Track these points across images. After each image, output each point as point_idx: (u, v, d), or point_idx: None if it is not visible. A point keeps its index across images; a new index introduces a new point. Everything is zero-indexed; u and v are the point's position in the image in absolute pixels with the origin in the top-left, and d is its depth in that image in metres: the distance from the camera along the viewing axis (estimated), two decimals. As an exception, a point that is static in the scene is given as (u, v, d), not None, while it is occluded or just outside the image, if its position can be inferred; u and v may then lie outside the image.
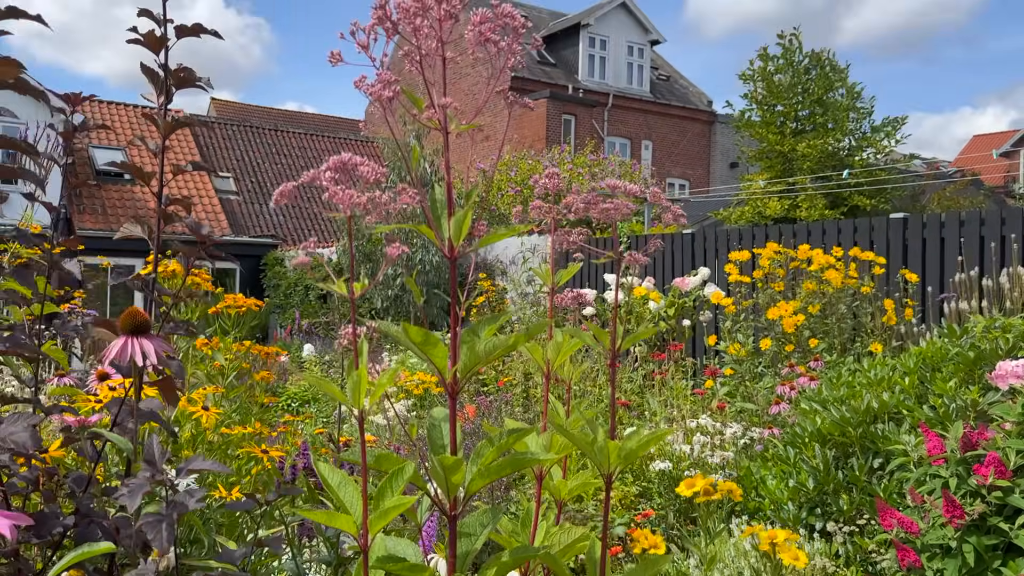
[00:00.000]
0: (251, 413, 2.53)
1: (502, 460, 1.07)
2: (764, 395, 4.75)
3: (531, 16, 28.07)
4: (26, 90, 1.38)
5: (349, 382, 1.02)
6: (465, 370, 1.09)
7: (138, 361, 1.17)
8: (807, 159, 13.40)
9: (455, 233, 1.09)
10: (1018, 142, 36.99)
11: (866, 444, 3.38)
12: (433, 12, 1.06)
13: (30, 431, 1.33)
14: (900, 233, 5.83)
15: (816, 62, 14.16)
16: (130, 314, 1.19)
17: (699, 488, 1.69)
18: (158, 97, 1.69)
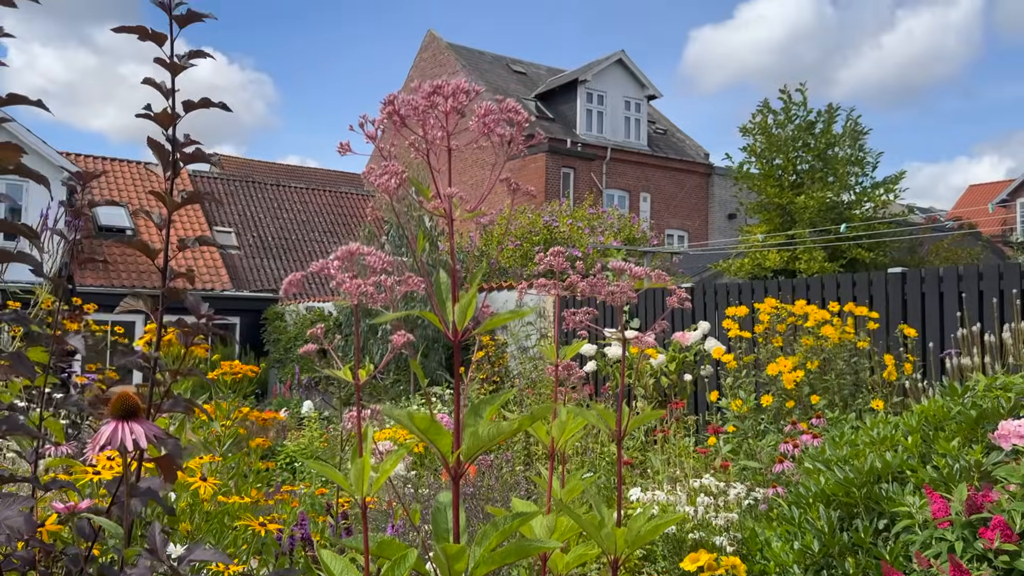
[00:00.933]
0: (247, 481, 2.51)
1: (507, 547, 1.07)
2: (767, 453, 4.72)
3: (530, 72, 28.59)
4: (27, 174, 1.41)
5: (352, 470, 1.02)
6: (468, 455, 1.10)
7: (128, 446, 1.17)
8: (806, 211, 13.52)
9: (459, 318, 1.11)
10: (1014, 191, 37.33)
11: (871, 505, 3.35)
12: (440, 108, 1.09)
13: (24, 516, 1.32)
14: (899, 288, 5.86)
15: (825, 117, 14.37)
16: (121, 398, 1.20)
17: (703, 563, 1.68)
18: (164, 171, 1.72)
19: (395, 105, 1.10)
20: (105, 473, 2.05)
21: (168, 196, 1.71)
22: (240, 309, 18.21)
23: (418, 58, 28.83)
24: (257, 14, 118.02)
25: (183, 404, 1.58)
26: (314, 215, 25.40)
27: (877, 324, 5.04)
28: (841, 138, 14.51)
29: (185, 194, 1.74)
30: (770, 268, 13.58)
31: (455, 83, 1.10)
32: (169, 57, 1.67)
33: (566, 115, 25.92)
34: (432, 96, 1.10)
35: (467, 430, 1.12)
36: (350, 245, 1.12)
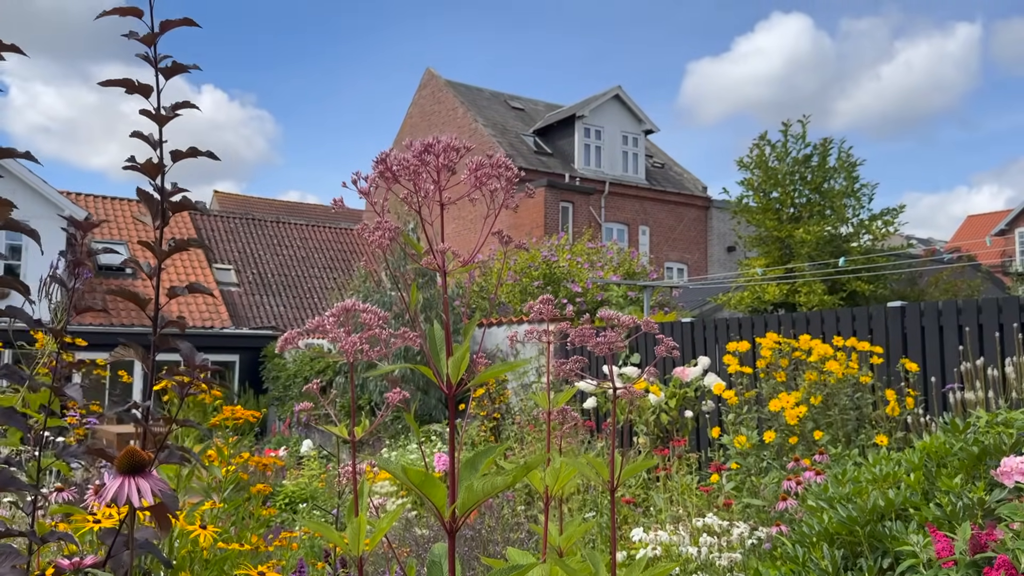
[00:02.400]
0: (247, 527, 2.48)
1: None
2: (771, 490, 4.68)
3: (528, 108, 28.86)
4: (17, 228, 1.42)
5: (349, 529, 1.01)
6: (464, 509, 1.09)
7: (135, 502, 1.16)
8: (805, 245, 13.57)
9: (453, 371, 1.11)
10: (1013, 221, 37.46)
11: (874, 543, 3.31)
12: (432, 165, 1.10)
13: (16, 572, 1.31)
14: (899, 322, 5.85)
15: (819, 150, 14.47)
16: (128, 454, 1.19)
17: None
18: (154, 220, 1.72)
19: (387, 163, 1.11)
20: (106, 522, 2.03)
21: (158, 246, 1.72)
22: (239, 347, 18.17)
23: (417, 95, 29.11)
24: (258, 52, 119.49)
25: (177, 455, 1.56)
26: (314, 251, 25.48)
27: (882, 359, 5.03)
28: (836, 171, 14.60)
29: (173, 242, 1.74)
30: (770, 301, 13.57)
31: (445, 141, 1.12)
32: (156, 108, 1.69)
33: (564, 150, 26.11)
34: (423, 155, 1.11)
35: (462, 484, 1.11)
36: (346, 301, 1.12)
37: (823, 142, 14.81)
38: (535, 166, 24.74)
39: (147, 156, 1.71)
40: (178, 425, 1.62)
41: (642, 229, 25.50)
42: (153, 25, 1.55)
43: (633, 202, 25.53)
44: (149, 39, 1.56)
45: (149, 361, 1.67)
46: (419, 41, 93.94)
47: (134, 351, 1.68)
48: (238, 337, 18.23)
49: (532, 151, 25.75)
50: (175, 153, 1.69)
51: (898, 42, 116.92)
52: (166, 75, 1.69)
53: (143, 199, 1.71)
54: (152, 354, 1.69)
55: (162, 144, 1.70)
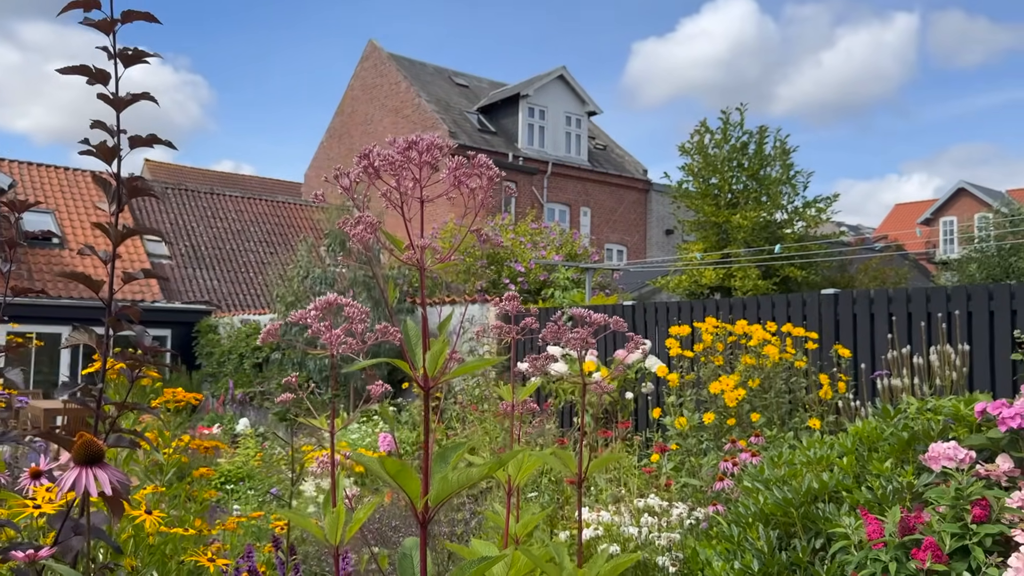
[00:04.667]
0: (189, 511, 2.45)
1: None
2: (708, 471, 4.80)
3: (472, 85, 28.68)
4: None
5: (328, 520, 1.01)
6: (437, 500, 1.09)
7: (92, 492, 1.14)
8: (741, 230, 13.87)
9: (431, 366, 1.11)
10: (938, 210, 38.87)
11: (808, 524, 3.43)
12: (415, 162, 1.10)
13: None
14: (832, 309, 6.04)
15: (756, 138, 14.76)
16: (85, 444, 1.17)
17: None
18: (110, 205, 1.68)
19: (371, 159, 1.11)
20: (46, 507, 1.98)
21: (114, 229, 1.68)
22: (171, 321, 17.74)
23: (359, 67, 28.65)
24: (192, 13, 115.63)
25: (127, 440, 1.54)
26: (249, 224, 24.94)
27: (816, 344, 5.19)
28: (772, 158, 14.94)
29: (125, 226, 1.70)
30: (706, 285, 13.86)
31: (429, 139, 1.12)
32: (114, 94, 1.65)
33: (508, 129, 26.06)
34: (407, 151, 1.11)
35: (436, 476, 1.12)
36: (329, 296, 1.12)
37: (760, 130, 15.13)
38: (479, 144, 24.65)
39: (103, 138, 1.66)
40: (130, 409, 1.59)
41: (583, 210, 25.69)
42: (112, 12, 1.50)
43: (575, 183, 25.68)
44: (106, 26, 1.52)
45: (105, 347, 1.63)
46: (362, 9, 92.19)
47: (88, 335, 1.64)
48: (170, 311, 17.80)
49: (476, 129, 25.63)
50: (133, 139, 1.66)
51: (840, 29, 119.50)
52: (125, 62, 1.65)
53: (99, 184, 1.67)
54: (107, 336, 1.65)
55: (120, 132, 1.67)
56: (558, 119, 26.29)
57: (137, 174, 1.70)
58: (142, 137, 1.68)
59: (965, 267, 19.10)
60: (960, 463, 2.90)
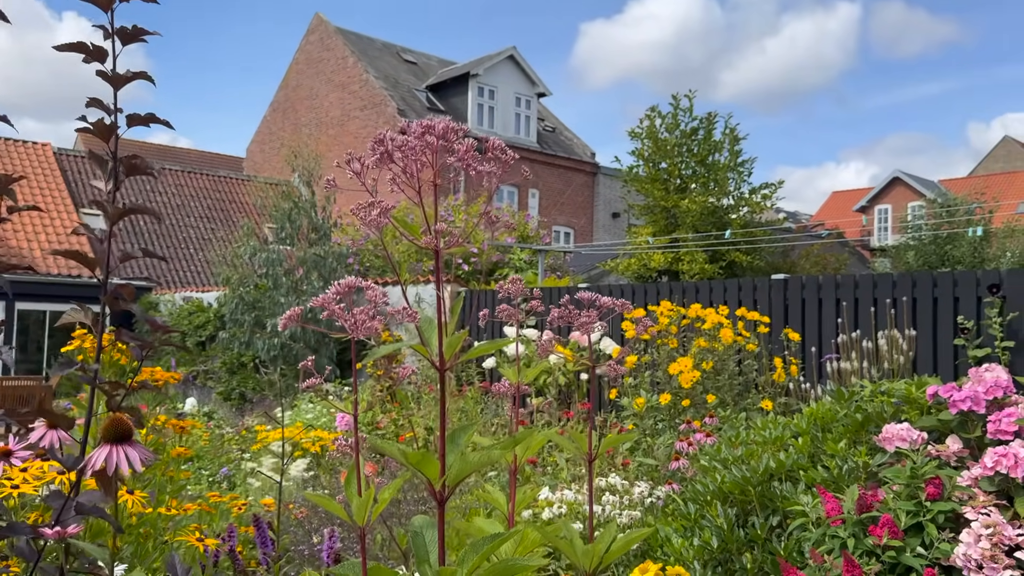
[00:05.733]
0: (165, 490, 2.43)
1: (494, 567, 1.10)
2: (663, 451, 4.92)
3: (420, 62, 28.39)
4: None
5: (356, 502, 1.03)
6: (456, 479, 1.12)
7: (124, 470, 1.14)
8: (689, 215, 14.12)
9: (447, 351, 1.13)
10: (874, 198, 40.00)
11: (765, 503, 3.55)
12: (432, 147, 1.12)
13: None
14: (781, 294, 6.22)
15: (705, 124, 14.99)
16: (114, 422, 1.16)
17: (652, 573, 1.77)
18: (106, 183, 1.67)
19: (386, 144, 1.12)
20: (24, 487, 1.95)
21: (112, 206, 1.66)
22: (109, 297, 17.24)
23: (305, 41, 28.10)
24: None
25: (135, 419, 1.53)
26: (190, 199, 24.35)
27: (768, 328, 5.34)
28: (720, 144, 15.20)
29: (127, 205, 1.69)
30: (655, 268, 14.09)
31: (444, 123, 1.14)
32: (112, 71, 1.64)
33: (457, 108, 25.91)
34: (424, 136, 1.12)
35: (452, 455, 1.14)
36: (348, 279, 1.13)
37: (708, 116, 15.37)
38: (427, 123, 24.42)
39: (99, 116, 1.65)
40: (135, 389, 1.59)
41: (532, 192, 25.75)
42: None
43: (524, 165, 25.65)
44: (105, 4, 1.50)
45: (100, 325, 1.62)
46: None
47: (84, 313, 1.63)
48: (108, 287, 17.32)
49: (425, 107, 25.41)
50: (131, 118, 1.64)
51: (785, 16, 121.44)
52: (124, 40, 1.63)
53: (95, 162, 1.65)
54: (102, 315, 1.64)
55: (117, 110, 1.65)
56: (508, 100, 26.24)
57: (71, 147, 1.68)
58: (140, 116, 1.67)
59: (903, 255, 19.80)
60: (913, 444, 3.04)
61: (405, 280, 9.00)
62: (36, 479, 2.03)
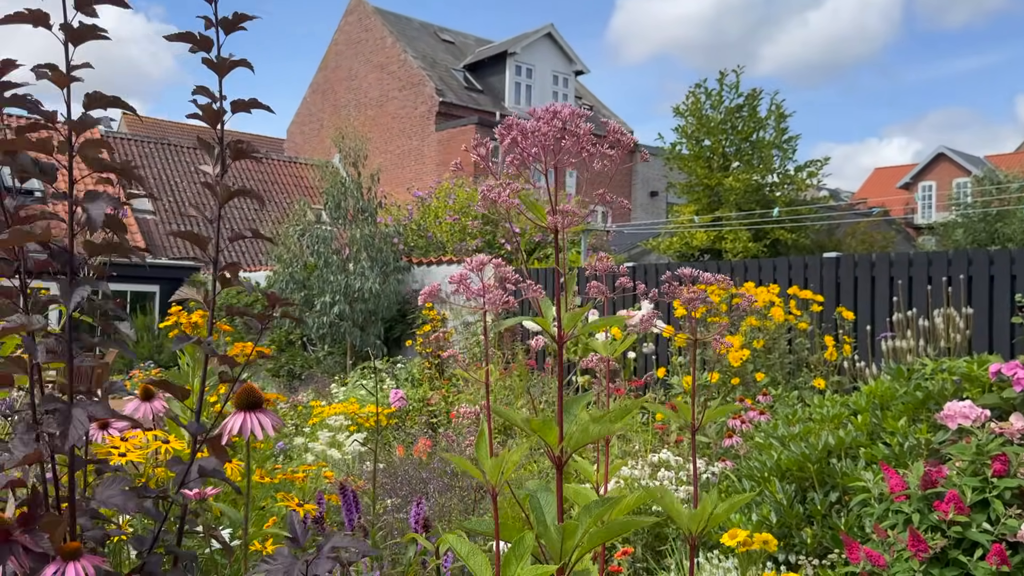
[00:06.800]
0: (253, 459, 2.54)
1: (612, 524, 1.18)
2: (715, 428, 4.96)
3: (458, 41, 28.36)
4: None
5: (491, 462, 1.10)
6: (576, 446, 1.19)
7: (258, 434, 1.23)
8: (733, 193, 14.00)
9: (567, 324, 1.20)
10: (918, 175, 39.21)
11: (824, 479, 3.59)
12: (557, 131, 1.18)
13: (124, 495, 1.36)
14: (833, 272, 6.19)
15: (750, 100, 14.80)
16: (247, 391, 1.25)
17: (740, 539, 1.84)
18: (214, 167, 1.75)
19: (515, 129, 1.18)
20: (131, 455, 2.06)
21: (221, 187, 1.74)
22: (158, 277, 17.68)
23: (344, 21, 28.21)
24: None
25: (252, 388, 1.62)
26: (234, 179, 24.66)
27: (821, 307, 5.33)
28: (765, 121, 15.02)
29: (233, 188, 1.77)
30: (697, 247, 14.03)
31: (570, 108, 1.19)
32: (217, 58, 1.71)
33: (495, 87, 25.88)
34: (552, 120, 1.18)
35: (573, 424, 1.21)
36: (480, 256, 1.20)
37: (753, 92, 15.18)
38: (465, 103, 24.48)
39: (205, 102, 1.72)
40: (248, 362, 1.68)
41: (569, 172, 25.67)
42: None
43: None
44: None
45: (211, 302, 1.71)
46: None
47: (197, 290, 1.72)
48: (157, 267, 17.72)
49: (463, 87, 25.42)
50: (235, 103, 1.72)
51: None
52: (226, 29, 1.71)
53: (203, 147, 1.73)
54: (214, 291, 1.73)
55: (223, 99, 1.72)
56: (545, 78, 26.14)
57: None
58: (244, 101, 1.74)
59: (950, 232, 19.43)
60: (976, 421, 3.05)
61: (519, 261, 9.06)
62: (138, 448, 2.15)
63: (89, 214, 1.28)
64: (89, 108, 1.37)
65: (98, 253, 1.40)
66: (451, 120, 23.89)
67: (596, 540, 1.19)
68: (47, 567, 1.18)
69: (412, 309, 10.47)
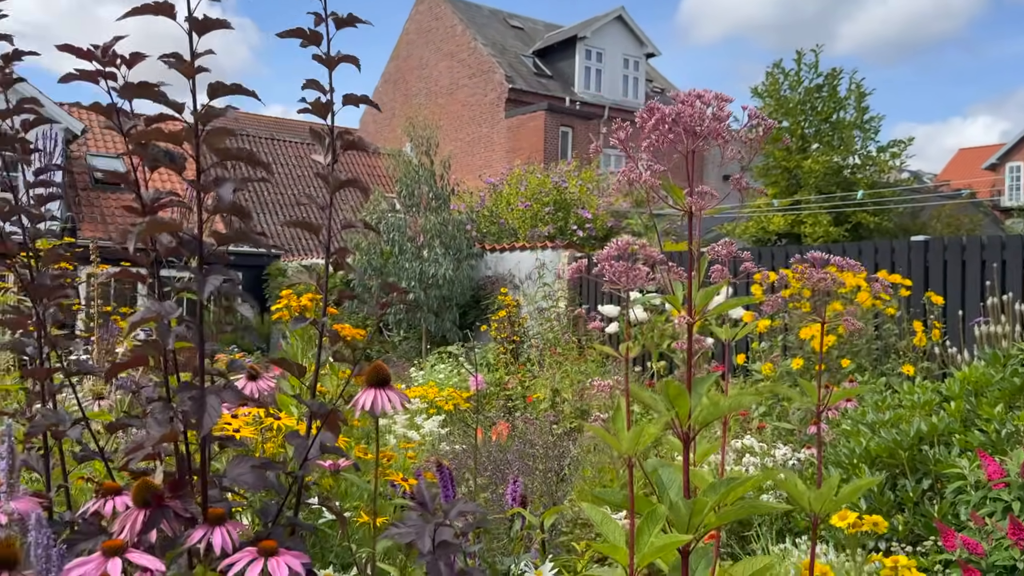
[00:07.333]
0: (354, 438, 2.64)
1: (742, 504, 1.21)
2: (798, 415, 4.90)
3: (527, 27, 28.31)
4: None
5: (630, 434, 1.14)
6: (703, 422, 1.22)
7: (388, 409, 1.30)
8: (812, 175, 13.67)
9: (700, 303, 1.23)
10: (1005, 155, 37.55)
11: (916, 466, 3.53)
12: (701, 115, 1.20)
13: (255, 472, 1.45)
14: (922, 256, 6.02)
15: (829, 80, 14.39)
16: (375, 369, 1.32)
17: (850, 521, 1.85)
18: (325, 156, 1.82)
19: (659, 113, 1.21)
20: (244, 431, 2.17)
21: (331, 177, 1.81)
22: (241, 265, 18.25)
23: (414, 10, 28.46)
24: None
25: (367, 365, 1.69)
26: (308, 169, 25.23)
27: (910, 291, 5.20)
28: (845, 101, 14.59)
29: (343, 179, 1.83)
30: (774, 232, 13.76)
31: (713, 92, 1.21)
32: (326, 54, 1.77)
33: (564, 72, 25.77)
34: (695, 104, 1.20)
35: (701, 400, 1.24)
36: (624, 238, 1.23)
37: (832, 71, 14.76)
38: (535, 88, 24.46)
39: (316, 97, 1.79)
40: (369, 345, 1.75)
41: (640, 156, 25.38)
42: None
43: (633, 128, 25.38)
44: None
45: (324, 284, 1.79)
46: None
47: (308, 275, 1.80)
48: (240, 254, 18.29)
49: (532, 73, 25.40)
50: (346, 97, 1.79)
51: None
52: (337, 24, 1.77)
53: (315, 137, 1.80)
54: (326, 276, 1.80)
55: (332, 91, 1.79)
56: (615, 62, 25.90)
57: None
58: (354, 96, 1.81)
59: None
60: (1080, 408, 2.96)
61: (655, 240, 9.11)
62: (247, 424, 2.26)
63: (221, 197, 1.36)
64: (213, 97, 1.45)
65: (226, 241, 1.49)
66: (520, 107, 23.91)
67: (725, 518, 1.22)
68: (194, 531, 1.27)
69: (486, 295, 10.58)
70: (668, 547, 1.17)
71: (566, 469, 4.42)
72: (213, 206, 1.45)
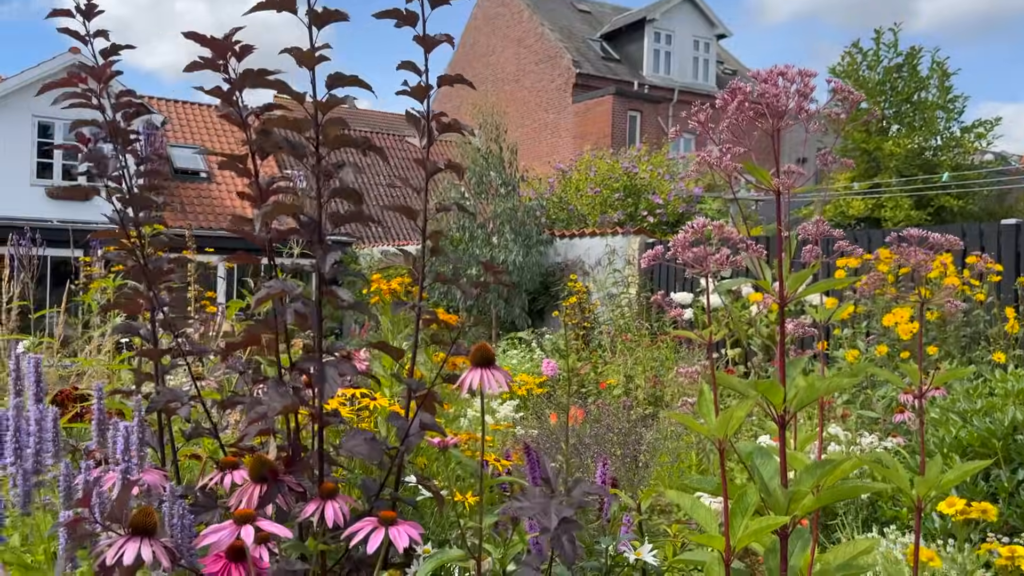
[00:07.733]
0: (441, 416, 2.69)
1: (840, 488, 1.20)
2: (883, 403, 4.78)
3: (594, 11, 28.07)
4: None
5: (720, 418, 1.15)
6: (799, 406, 1.21)
7: (494, 388, 1.32)
8: (893, 158, 13.21)
9: (792, 286, 1.22)
10: (1099, 135, 35.60)
11: (1011, 456, 3.42)
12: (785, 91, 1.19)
13: (370, 444, 1.49)
14: (1013, 240, 5.78)
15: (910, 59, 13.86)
16: (480, 349, 1.35)
17: (959, 508, 1.82)
18: (420, 139, 1.85)
19: (742, 94, 1.20)
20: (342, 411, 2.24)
21: (427, 161, 1.84)
22: (313, 252, 18.61)
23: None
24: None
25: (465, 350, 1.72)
26: (376, 159, 25.57)
27: (1000, 277, 5.02)
28: (927, 80, 14.05)
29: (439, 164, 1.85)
30: (853, 216, 13.37)
31: (796, 68, 1.20)
32: (423, 35, 1.79)
33: (632, 56, 25.47)
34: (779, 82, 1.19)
35: (795, 382, 1.23)
36: (699, 219, 1.23)
37: (912, 50, 14.22)
38: (603, 73, 24.25)
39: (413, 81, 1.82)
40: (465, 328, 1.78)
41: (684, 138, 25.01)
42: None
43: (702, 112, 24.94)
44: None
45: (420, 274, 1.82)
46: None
47: (407, 259, 1.84)
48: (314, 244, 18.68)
49: (599, 57, 25.18)
50: (441, 79, 1.81)
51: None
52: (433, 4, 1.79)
53: (411, 121, 1.83)
54: (423, 262, 1.84)
55: (427, 71, 1.80)
56: (685, 44, 25.47)
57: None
58: (449, 76, 1.83)
59: None
60: None
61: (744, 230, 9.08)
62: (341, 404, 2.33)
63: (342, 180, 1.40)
64: (332, 87, 1.49)
65: (342, 221, 1.53)
66: (588, 91, 23.74)
67: (823, 501, 1.21)
68: (308, 504, 1.32)
69: (555, 281, 10.58)
70: (765, 529, 1.17)
71: (642, 455, 4.42)
72: (331, 190, 1.50)
